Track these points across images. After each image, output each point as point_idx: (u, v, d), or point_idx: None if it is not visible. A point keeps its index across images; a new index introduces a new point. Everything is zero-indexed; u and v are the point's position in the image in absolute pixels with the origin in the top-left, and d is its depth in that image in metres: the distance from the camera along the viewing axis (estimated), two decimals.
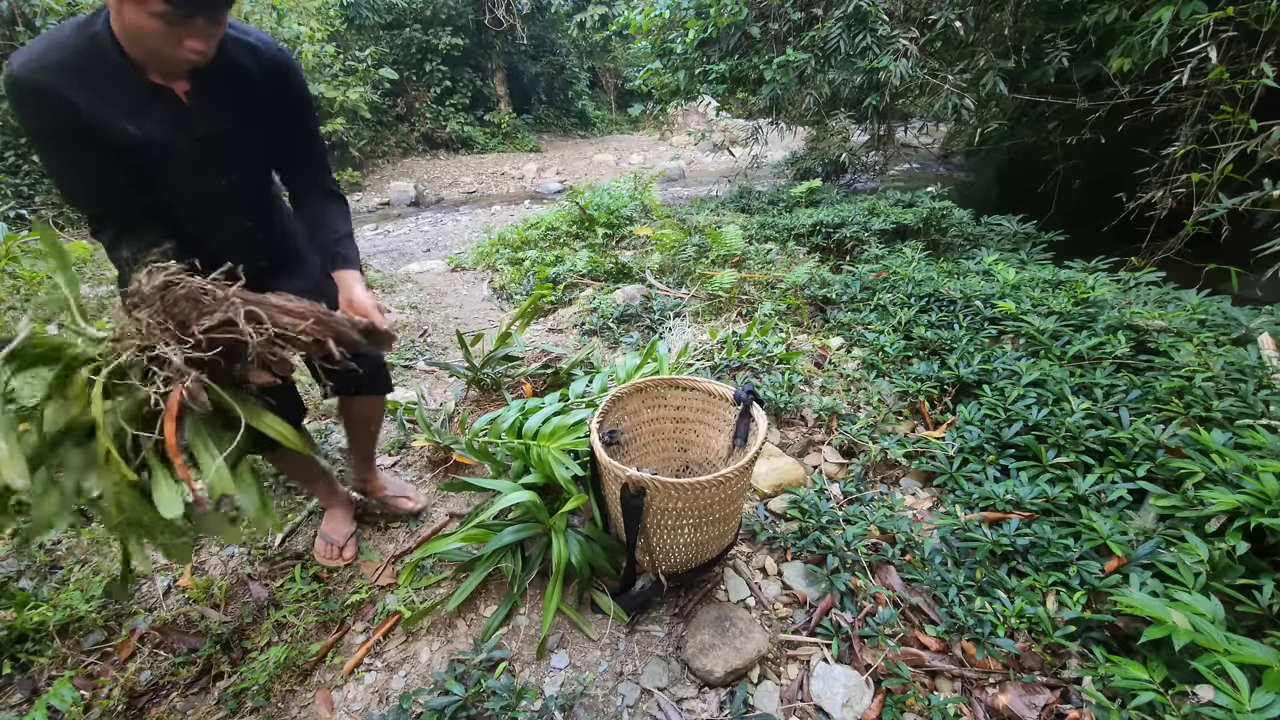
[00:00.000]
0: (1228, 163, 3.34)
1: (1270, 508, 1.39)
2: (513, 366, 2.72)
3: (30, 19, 8.10)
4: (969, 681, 1.40)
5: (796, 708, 1.38)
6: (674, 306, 3.40)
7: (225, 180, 1.24)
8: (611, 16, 13.73)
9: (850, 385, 2.55)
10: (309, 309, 1.06)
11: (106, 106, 1.06)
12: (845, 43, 4.91)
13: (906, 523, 1.79)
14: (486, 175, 12.06)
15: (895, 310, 2.93)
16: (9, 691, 1.49)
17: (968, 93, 5.02)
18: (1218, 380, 1.92)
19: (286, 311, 1.04)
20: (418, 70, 13.29)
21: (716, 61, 5.77)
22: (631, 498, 1.37)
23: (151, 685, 1.49)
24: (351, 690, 1.48)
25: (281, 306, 1.05)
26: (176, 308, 0.98)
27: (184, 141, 1.15)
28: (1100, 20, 4.03)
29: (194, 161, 1.19)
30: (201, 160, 1.20)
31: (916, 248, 3.86)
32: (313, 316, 1.06)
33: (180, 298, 0.98)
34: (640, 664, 1.49)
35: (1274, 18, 3.26)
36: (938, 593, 1.57)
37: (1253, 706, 1.08)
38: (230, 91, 1.18)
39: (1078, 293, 2.67)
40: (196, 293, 0.99)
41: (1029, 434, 1.96)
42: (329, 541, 1.81)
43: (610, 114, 17.78)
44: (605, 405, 1.65)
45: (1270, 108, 3.34)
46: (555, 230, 5.23)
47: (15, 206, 7.50)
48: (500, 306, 4.14)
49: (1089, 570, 1.49)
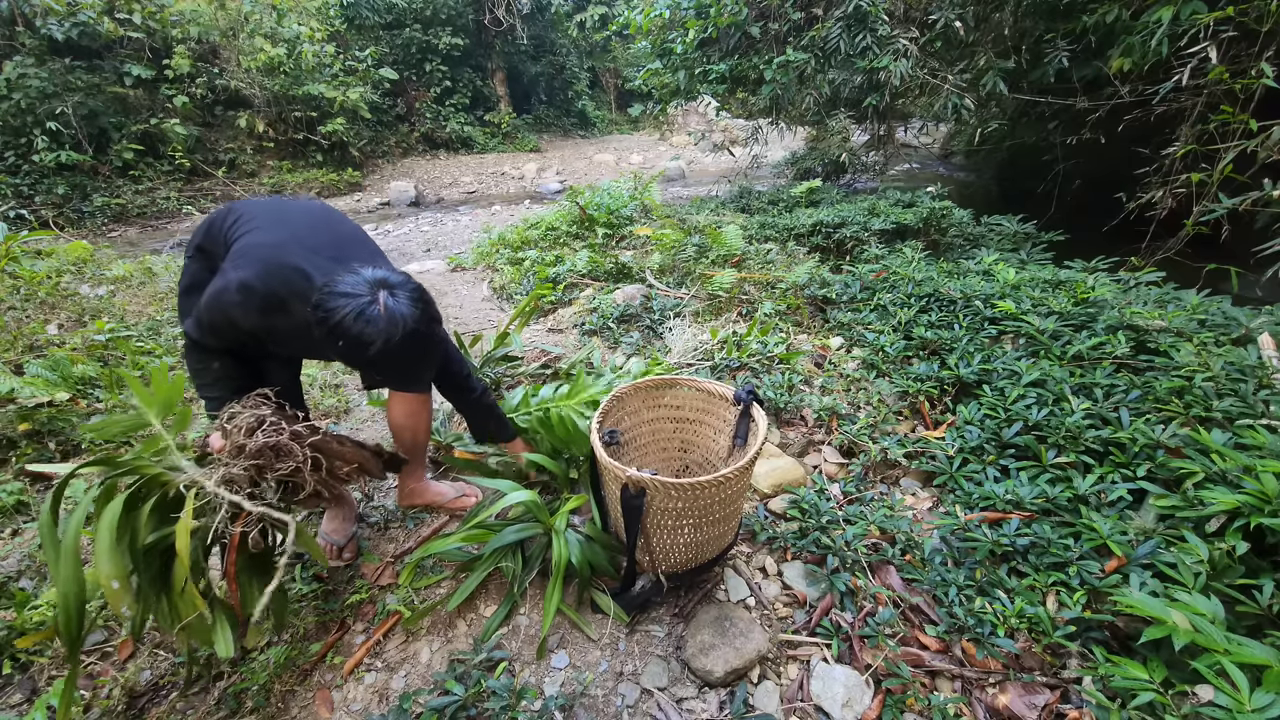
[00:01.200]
0: (1228, 163, 3.34)
1: (1270, 508, 1.39)
2: (512, 366, 2.72)
3: (30, 19, 8.10)
4: (969, 681, 1.40)
5: (796, 708, 1.38)
6: (674, 306, 3.40)
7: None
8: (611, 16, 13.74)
9: (850, 385, 2.55)
10: (355, 453, 1.31)
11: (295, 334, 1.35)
12: (845, 43, 4.91)
13: (906, 523, 1.79)
14: (486, 175, 12.05)
15: (895, 310, 2.93)
16: (9, 691, 1.49)
17: (968, 93, 5.02)
18: (1218, 380, 1.92)
19: (339, 456, 1.28)
20: (418, 70, 13.29)
21: (716, 61, 5.77)
22: (632, 498, 1.37)
23: (151, 685, 1.49)
24: (351, 690, 1.48)
25: (338, 452, 1.28)
26: (260, 456, 1.15)
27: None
28: (1100, 20, 4.03)
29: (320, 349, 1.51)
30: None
31: (916, 248, 3.86)
32: (355, 461, 1.31)
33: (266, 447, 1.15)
34: (640, 664, 1.49)
35: (1274, 18, 3.26)
36: (938, 593, 1.57)
37: (1253, 706, 1.08)
38: None
39: (1078, 293, 2.67)
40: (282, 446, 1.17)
41: (1029, 434, 1.96)
42: (330, 542, 1.80)
43: (610, 114, 17.77)
44: (606, 405, 1.65)
45: (1270, 108, 3.34)
46: (555, 230, 5.23)
47: (15, 206, 7.49)
48: (500, 306, 4.14)
49: (1089, 570, 1.49)
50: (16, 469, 2.23)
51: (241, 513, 1.14)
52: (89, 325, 3.24)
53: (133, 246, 7.37)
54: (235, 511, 1.13)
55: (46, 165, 7.91)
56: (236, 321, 1.30)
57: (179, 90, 9.33)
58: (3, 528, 2.03)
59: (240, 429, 1.17)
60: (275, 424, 1.19)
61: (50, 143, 7.99)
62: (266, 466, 1.15)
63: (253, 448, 1.14)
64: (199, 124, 9.84)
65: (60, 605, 1.04)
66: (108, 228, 8.21)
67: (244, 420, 1.18)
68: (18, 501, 2.09)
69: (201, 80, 9.49)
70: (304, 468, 1.17)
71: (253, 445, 1.15)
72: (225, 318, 1.30)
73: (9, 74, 7.82)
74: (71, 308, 3.47)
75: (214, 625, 1.19)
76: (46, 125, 7.96)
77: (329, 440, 1.25)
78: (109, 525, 1.08)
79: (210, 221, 1.53)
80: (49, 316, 3.33)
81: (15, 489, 2.10)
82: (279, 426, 1.19)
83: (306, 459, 1.18)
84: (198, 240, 1.54)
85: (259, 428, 1.17)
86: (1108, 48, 4.23)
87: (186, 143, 9.32)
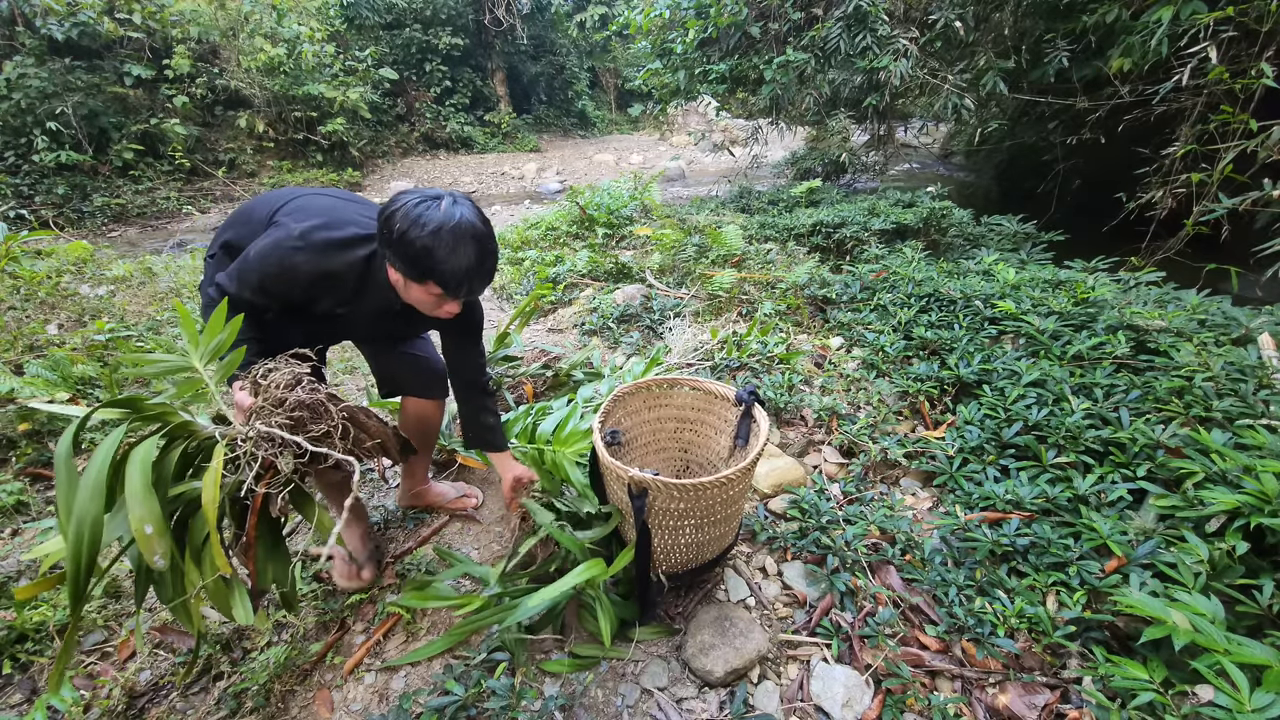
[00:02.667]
0: (1228, 163, 3.34)
1: (1270, 508, 1.39)
2: (512, 366, 2.72)
3: (30, 19, 8.10)
4: (969, 681, 1.40)
5: (796, 708, 1.38)
6: (674, 306, 3.40)
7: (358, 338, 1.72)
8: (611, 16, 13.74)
9: (850, 385, 2.55)
10: (378, 428, 1.27)
11: (342, 302, 1.39)
12: (845, 43, 4.91)
13: (906, 523, 1.79)
14: (486, 175, 12.05)
15: (895, 310, 2.93)
16: (9, 691, 1.49)
17: (968, 93, 5.02)
18: (1218, 380, 1.92)
19: (365, 429, 1.23)
20: (418, 70, 13.29)
21: (716, 61, 5.77)
22: (634, 499, 1.37)
23: (151, 685, 1.49)
24: (351, 690, 1.48)
25: (364, 424, 1.22)
26: (296, 412, 1.10)
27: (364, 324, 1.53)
28: (1100, 20, 4.03)
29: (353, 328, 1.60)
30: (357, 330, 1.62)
31: (916, 248, 3.86)
32: (379, 436, 1.26)
33: (304, 404, 1.10)
34: (640, 664, 1.49)
35: (1274, 18, 3.26)
36: (938, 593, 1.57)
37: (1253, 706, 1.08)
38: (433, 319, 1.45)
39: (1078, 293, 2.67)
40: (318, 404, 1.12)
41: (1029, 434, 1.96)
42: (349, 562, 1.74)
43: (610, 114, 17.77)
44: (607, 405, 1.65)
45: (1270, 108, 3.34)
46: (555, 230, 5.23)
47: (15, 206, 7.49)
48: (500, 306, 4.14)
49: (1089, 570, 1.49)
50: (17, 469, 2.23)
51: (267, 474, 1.08)
52: (89, 325, 3.24)
53: (133, 246, 7.37)
54: (260, 472, 1.07)
55: (46, 165, 7.91)
56: (295, 269, 1.28)
57: (179, 90, 9.33)
58: (3, 528, 2.03)
59: (279, 384, 1.11)
60: (313, 383, 1.14)
61: (50, 143, 7.99)
62: (299, 426, 1.09)
63: (292, 401, 1.09)
64: (199, 124, 9.85)
65: (70, 548, 0.91)
66: (108, 228, 8.21)
67: (283, 375, 1.12)
68: (18, 501, 2.09)
69: (201, 80, 9.49)
70: (335, 433, 1.12)
71: (293, 399, 1.09)
72: (281, 267, 1.28)
73: (9, 74, 7.82)
74: (71, 308, 3.46)
75: (232, 592, 1.10)
76: (46, 125, 7.96)
77: (358, 411, 1.21)
78: (143, 465, 0.98)
79: (247, 209, 1.51)
80: (49, 316, 3.33)
81: (15, 489, 2.10)
82: (315, 386, 1.13)
83: (338, 424, 1.13)
84: (226, 236, 1.49)
85: (297, 384, 1.11)
86: (1108, 48, 4.23)
87: (186, 143, 9.33)
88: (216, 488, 0.98)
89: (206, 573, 1.06)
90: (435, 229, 1.14)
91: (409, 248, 1.15)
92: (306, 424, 1.10)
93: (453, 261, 1.16)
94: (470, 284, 1.22)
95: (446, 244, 1.15)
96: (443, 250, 1.15)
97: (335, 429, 1.13)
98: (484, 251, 1.20)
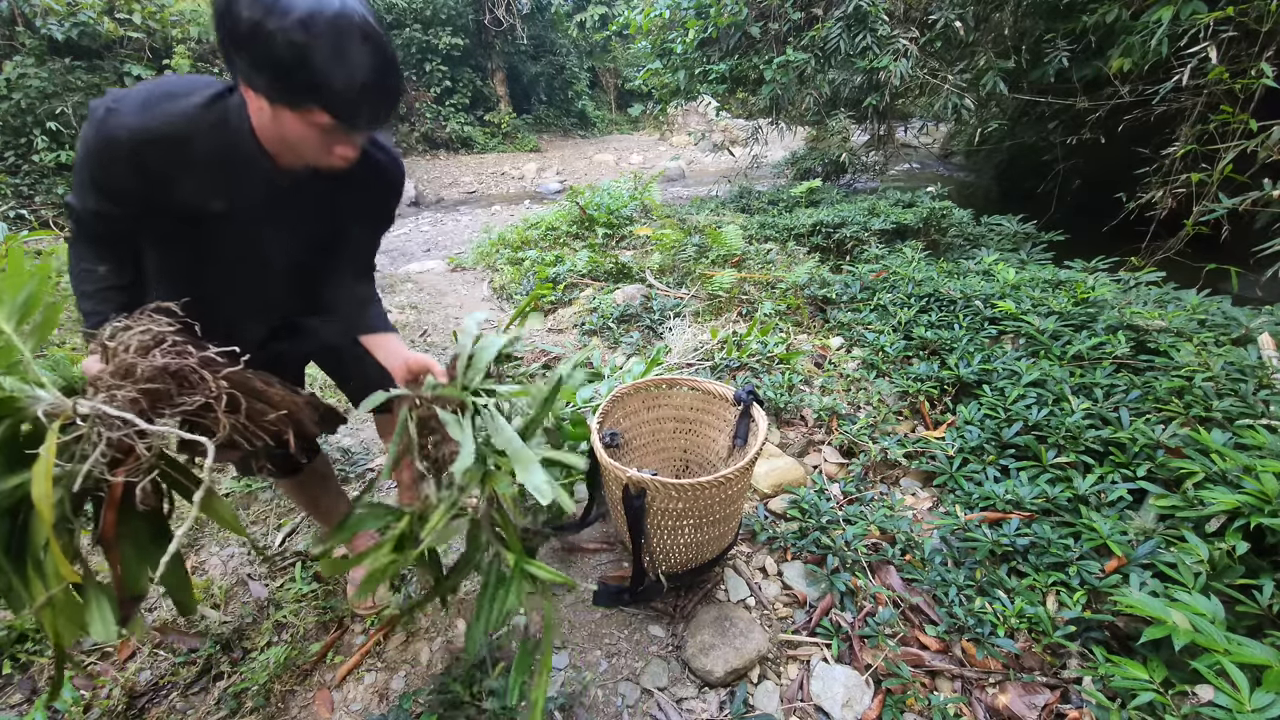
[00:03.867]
0: (1228, 163, 3.34)
1: (1270, 508, 1.39)
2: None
3: (30, 19, 8.10)
4: (969, 681, 1.40)
5: (796, 708, 1.38)
6: (674, 306, 3.40)
7: (282, 265, 1.18)
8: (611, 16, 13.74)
9: (850, 385, 2.55)
10: (284, 398, 1.03)
11: (205, 185, 0.99)
12: (845, 43, 4.91)
13: (906, 523, 1.79)
14: (486, 175, 12.05)
15: (895, 310, 2.93)
16: (9, 691, 1.49)
17: (968, 93, 5.02)
18: (1218, 380, 1.92)
19: (264, 398, 1.00)
20: (418, 70, 13.28)
21: (716, 61, 5.77)
22: (633, 499, 1.37)
23: (151, 685, 1.49)
24: (351, 690, 1.48)
25: (262, 393, 1.00)
26: (157, 381, 0.87)
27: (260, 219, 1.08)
28: (1100, 20, 4.03)
29: (256, 238, 1.11)
30: (266, 239, 1.12)
31: (916, 248, 3.86)
32: (284, 408, 1.02)
33: (164, 371, 0.88)
34: (640, 664, 1.49)
35: (1274, 18, 3.26)
36: (938, 593, 1.57)
37: (1253, 706, 1.08)
38: (335, 193, 1.12)
39: (1078, 293, 2.67)
40: (187, 371, 0.90)
41: (1029, 434, 1.96)
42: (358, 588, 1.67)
43: (610, 114, 17.77)
44: (606, 406, 1.65)
45: (1270, 108, 3.34)
46: (555, 230, 5.23)
47: (15, 206, 7.49)
48: (500, 306, 4.14)
49: (1089, 570, 1.49)
50: None
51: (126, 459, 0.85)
52: None
53: None
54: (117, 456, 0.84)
55: (46, 165, 7.90)
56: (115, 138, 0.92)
57: None
58: None
59: (129, 346, 0.88)
60: (179, 345, 0.91)
61: (50, 143, 7.98)
62: (164, 398, 0.88)
63: (146, 370, 0.86)
64: None
65: None
66: None
67: (134, 337, 0.89)
68: None
69: None
70: (218, 406, 0.90)
71: (147, 367, 0.86)
72: (100, 141, 0.93)
73: (9, 74, 7.82)
74: (71, 308, 3.47)
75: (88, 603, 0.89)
76: (46, 125, 7.96)
77: (251, 377, 0.98)
78: None
79: None
80: None
81: None
82: (183, 349, 0.90)
83: (220, 395, 0.90)
84: None
85: (155, 346, 0.89)
86: (1108, 48, 4.23)
87: None
88: (48, 480, 0.80)
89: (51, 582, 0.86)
90: (304, 19, 0.78)
91: (269, 48, 0.80)
92: (173, 397, 0.89)
93: (338, 69, 0.82)
94: (369, 105, 0.88)
95: (325, 41, 0.80)
96: (322, 51, 0.80)
97: (217, 400, 0.90)
98: (382, 59, 0.86)
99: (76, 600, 0.91)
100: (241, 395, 0.95)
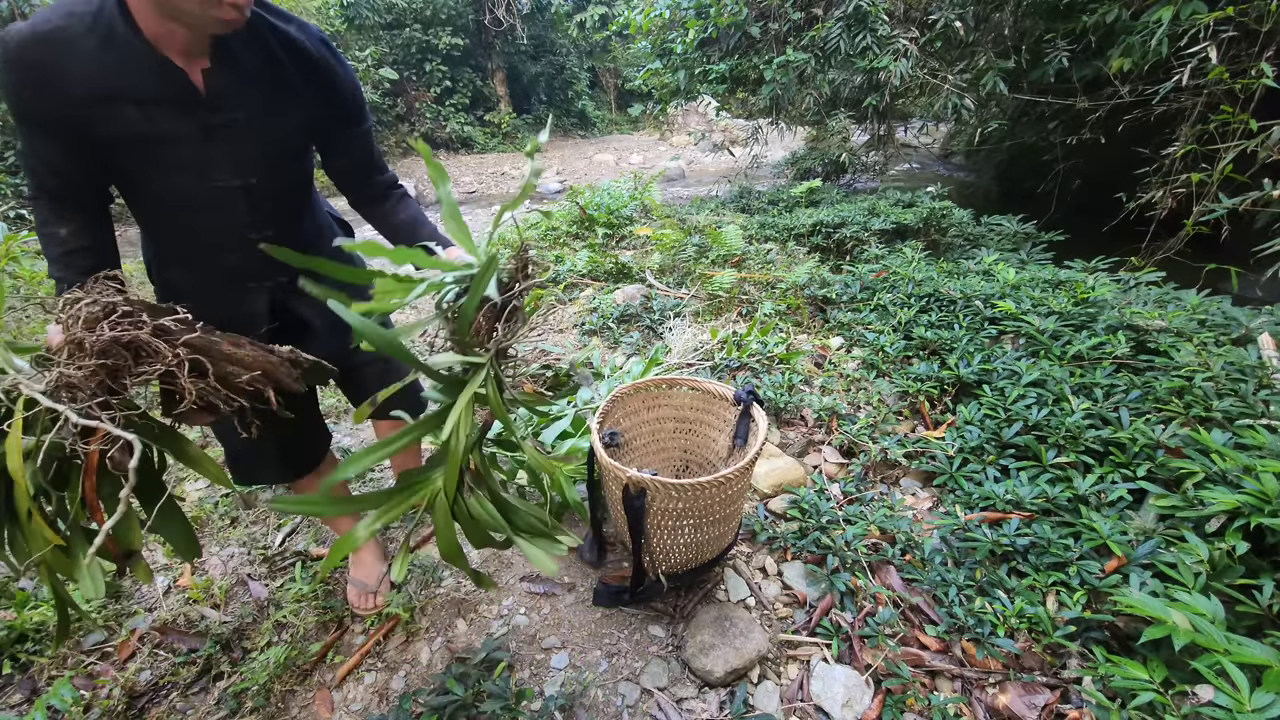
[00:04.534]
0: (1228, 163, 3.34)
1: (1270, 508, 1.39)
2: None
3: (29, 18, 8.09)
4: (969, 681, 1.40)
5: (796, 708, 1.38)
6: (674, 306, 3.40)
7: (240, 183, 1.08)
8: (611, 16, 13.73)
9: (850, 385, 2.55)
10: (256, 358, 0.99)
11: (108, 88, 0.94)
12: (845, 43, 4.92)
13: (906, 523, 1.79)
14: (487, 175, 12.05)
15: (895, 310, 2.93)
16: (9, 691, 1.49)
17: (968, 93, 5.02)
18: (1218, 380, 1.92)
19: (234, 360, 0.97)
20: (418, 70, 13.29)
21: (716, 61, 5.77)
22: (633, 499, 1.37)
23: (151, 685, 1.49)
24: (351, 690, 1.48)
25: (231, 355, 0.97)
26: (111, 353, 0.87)
27: (193, 132, 1.00)
28: (1100, 20, 4.03)
29: (202, 157, 1.03)
30: (212, 156, 1.04)
31: (916, 248, 3.86)
32: (258, 368, 0.99)
33: (115, 343, 0.88)
34: (640, 664, 1.49)
35: (1274, 18, 3.26)
36: (938, 593, 1.57)
37: (1253, 706, 1.08)
38: (257, 80, 1.03)
39: (1078, 293, 2.67)
40: (141, 342, 0.89)
41: (1029, 434, 1.96)
42: (362, 589, 1.67)
43: (610, 114, 17.76)
44: (605, 406, 1.65)
45: (1270, 108, 3.34)
46: (555, 230, 5.23)
47: (15, 206, 7.49)
48: None
49: (1089, 570, 1.49)
50: None
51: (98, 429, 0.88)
52: None
53: (133, 246, 7.34)
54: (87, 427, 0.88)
55: None
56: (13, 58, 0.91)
57: None
58: None
59: (78, 319, 0.88)
60: (131, 314, 0.90)
61: None
62: (122, 369, 0.89)
63: (96, 344, 0.86)
64: None
65: None
66: None
67: (84, 309, 0.89)
68: None
69: None
70: (180, 373, 0.90)
71: (95, 341, 0.86)
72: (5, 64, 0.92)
73: None
74: None
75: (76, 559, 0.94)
76: None
77: (218, 339, 0.96)
78: None
79: None
80: (49, 316, 3.33)
81: None
82: (136, 318, 0.90)
83: (181, 361, 0.91)
84: None
85: (105, 318, 0.89)
86: (1108, 48, 4.23)
87: None
88: (19, 454, 0.84)
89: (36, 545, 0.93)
90: None
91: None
92: (131, 368, 0.90)
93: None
94: None
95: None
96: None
97: (179, 367, 0.90)
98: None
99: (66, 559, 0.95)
100: (206, 359, 0.94)
